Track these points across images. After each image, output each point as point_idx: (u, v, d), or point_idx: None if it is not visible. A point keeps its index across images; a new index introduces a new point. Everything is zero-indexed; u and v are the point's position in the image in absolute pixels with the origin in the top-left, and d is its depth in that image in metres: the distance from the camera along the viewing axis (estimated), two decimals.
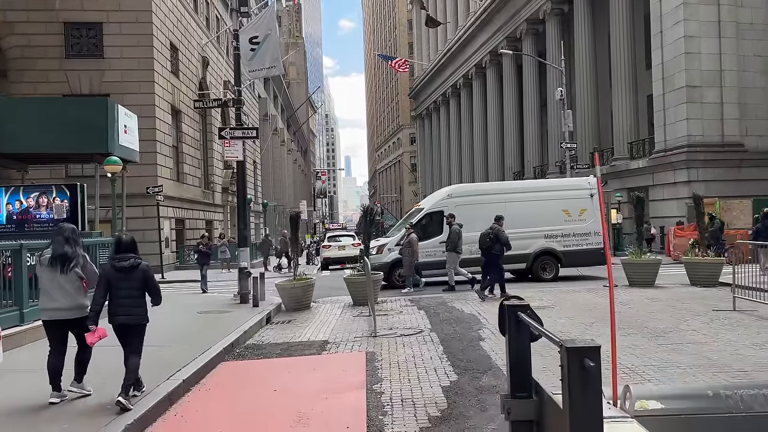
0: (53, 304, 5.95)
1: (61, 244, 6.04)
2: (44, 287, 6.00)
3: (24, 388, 6.48)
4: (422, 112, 75.81)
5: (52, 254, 5.99)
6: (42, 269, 6.01)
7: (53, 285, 5.95)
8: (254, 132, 14.73)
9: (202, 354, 8.00)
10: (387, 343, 8.86)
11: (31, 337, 8.95)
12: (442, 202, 17.05)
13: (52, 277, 5.95)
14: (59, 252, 5.99)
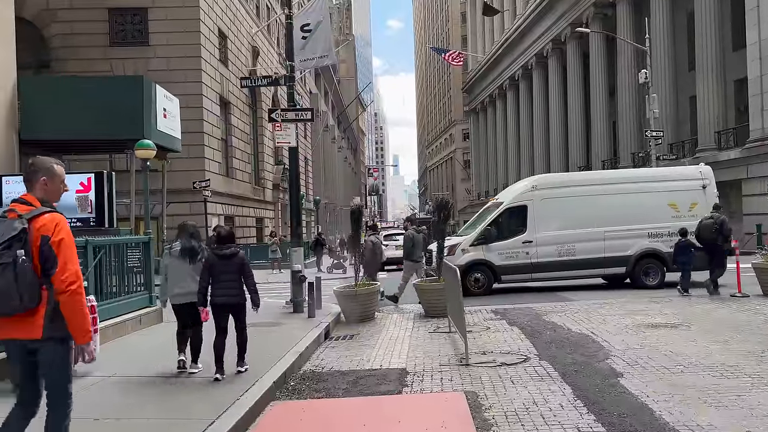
0: (182, 290, 6.92)
1: (188, 239, 7.07)
2: (173, 276, 6.98)
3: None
4: (476, 106, 73.01)
5: (182, 248, 6.99)
6: (172, 260, 7.00)
7: (182, 273, 6.94)
8: (308, 113, 12.75)
9: (248, 390, 5.97)
10: (488, 377, 6.66)
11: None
12: (525, 195, 14.70)
13: (180, 267, 6.95)
14: (188, 246, 7.02)
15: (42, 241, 3.32)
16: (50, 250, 3.32)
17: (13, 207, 3.44)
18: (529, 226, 14.30)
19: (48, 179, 3.54)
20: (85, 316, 3.43)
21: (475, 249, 14.26)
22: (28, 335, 3.37)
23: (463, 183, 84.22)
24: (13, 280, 3.23)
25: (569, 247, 14.14)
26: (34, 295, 3.30)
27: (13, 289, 3.24)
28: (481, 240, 14.30)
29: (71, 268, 3.35)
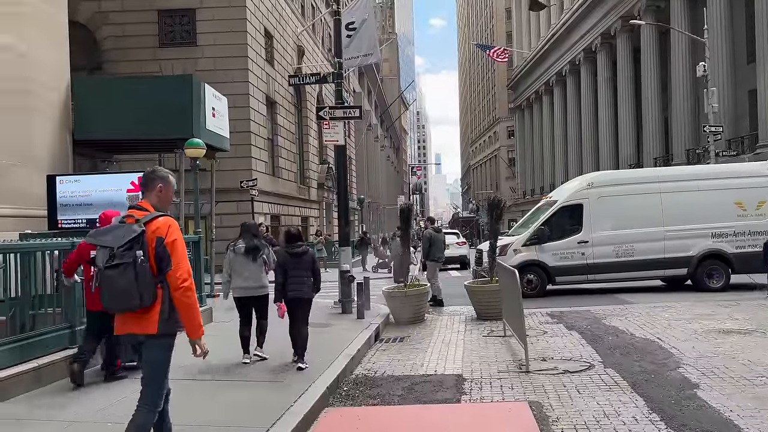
0: (244, 284, 7.45)
1: (251, 238, 7.57)
2: (237, 271, 7.46)
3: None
4: (522, 103, 71.82)
5: (246, 246, 7.48)
6: (236, 257, 7.48)
7: (245, 269, 7.44)
8: (356, 111, 12.54)
9: (301, 396, 5.76)
10: (551, 385, 6.30)
11: None
12: (581, 193, 14.14)
13: (244, 263, 7.43)
14: (251, 245, 7.51)
15: (157, 242, 3.58)
16: (164, 250, 3.58)
17: (131, 213, 3.72)
18: (585, 226, 13.75)
19: (164, 187, 3.84)
20: (197, 312, 3.67)
21: (528, 249, 13.80)
22: (144, 330, 3.60)
23: (508, 181, 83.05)
24: (133, 279, 3.48)
25: (627, 247, 13.55)
26: (151, 292, 3.55)
27: (134, 288, 3.49)
28: (534, 240, 13.83)
29: (184, 267, 3.61)
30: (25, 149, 10.80)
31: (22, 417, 5.25)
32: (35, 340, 6.37)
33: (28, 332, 6.41)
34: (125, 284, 3.48)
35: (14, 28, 10.61)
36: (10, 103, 10.43)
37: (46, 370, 6.27)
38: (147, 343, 3.64)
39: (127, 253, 3.50)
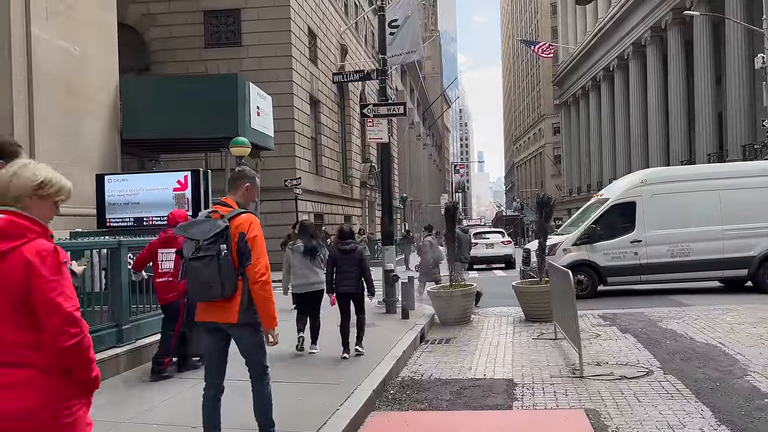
0: (303, 281, 7.85)
1: (309, 239, 7.96)
2: (296, 269, 7.88)
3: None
4: (568, 99, 70.40)
5: (305, 246, 7.85)
6: (295, 256, 7.88)
7: (303, 267, 7.85)
8: (401, 108, 12.35)
9: (347, 399, 5.62)
10: (608, 392, 6.00)
11: None
12: (633, 190, 13.63)
13: (303, 262, 7.83)
14: (310, 246, 7.89)
15: (239, 238, 3.80)
16: (246, 245, 3.80)
17: (215, 209, 3.98)
18: (638, 224, 13.25)
19: (250, 186, 4.11)
20: (273, 304, 3.88)
21: (578, 249, 13.37)
22: (226, 320, 3.87)
23: (553, 179, 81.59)
24: (216, 270, 3.73)
25: (683, 246, 13.00)
26: (232, 284, 3.78)
27: (216, 279, 3.74)
28: (585, 239, 13.38)
29: (263, 262, 3.82)
30: (77, 149, 11.01)
31: None
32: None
33: None
34: (209, 275, 3.74)
35: (69, 31, 10.82)
36: (63, 105, 10.65)
37: None
38: (231, 331, 3.95)
39: (212, 246, 3.74)
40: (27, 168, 2.31)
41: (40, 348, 2.13)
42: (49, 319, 2.12)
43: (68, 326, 2.13)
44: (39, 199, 2.29)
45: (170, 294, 6.57)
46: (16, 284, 2.13)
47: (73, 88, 10.90)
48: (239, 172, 4.19)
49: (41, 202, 2.30)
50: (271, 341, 3.96)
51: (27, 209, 2.25)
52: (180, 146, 15.03)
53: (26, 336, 2.13)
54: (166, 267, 6.58)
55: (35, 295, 2.12)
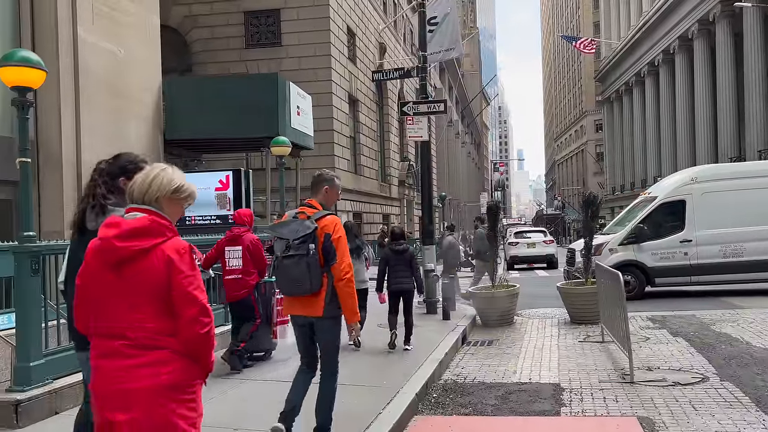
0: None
1: (353, 238, 7.75)
2: None
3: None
4: (611, 95, 68.87)
5: (350, 246, 7.21)
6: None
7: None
8: (441, 105, 12.19)
9: (390, 403, 5.51)
10: (661, 399, 5.75)
11: None
12: (683, 188, 13.17)
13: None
14: (354, 245, 7.63)
15: (325, 238, 4.11)
16: (331, 245, 4.10)
17: (302, 210, 4.27)
18: (688, 224, 12.80)
19: (329, 188, 4.38)
20: (354, 300, 4.18)
21: (625, 249, 12.98)
22: (312, 313, 4.19)
23: (596, 177, 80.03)
24: (306, 268, 4.05)
25: (736, 246, 12.50)
26: (318, 281, 4.10)
27: (306, 276, 4.06)
28: (632, 239, 12.99)
29: (346, 261, 4.13)
30: (121, 149, 11.11)
31: None
32: None
33: None
34: (298, 272, 4.07)
35: (113, 33, 10.99)
36: (108, 105, 10.82)
37: None
38: (316, 324, 4.25)
39: (301, 245, 4.07)
40: (165, 172, 2.55)
41: (175, 334, 2.39)
42: (187, 310, 2.38)
43: (203, 316, 2.41)
44: (172, 201, 2.53)
45: (241, 291, 6.73)
46: (158, 278, 2.38)
47: (117, 89, 11.06)
48: (318, 176, 4.45)
49: (174, 205, 2.54)
50: (353, 335, 4.46)
51: (161, 210, 2.49)
52: (221, 146, 15.15)
53: (164, 323, 2.39)
54: (234, 264, 6.72)
55: (175, 288, 2.38)
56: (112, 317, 2.40)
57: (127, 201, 2.57)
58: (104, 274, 2.42)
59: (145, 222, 2.41)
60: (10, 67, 5.13)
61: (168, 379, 2.36)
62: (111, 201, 3.19)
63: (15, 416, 4.88)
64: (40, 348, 5.25)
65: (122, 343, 2.37)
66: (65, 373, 5.48)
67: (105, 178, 3.31)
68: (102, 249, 2.43)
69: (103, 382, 2.39)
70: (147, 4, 12.10)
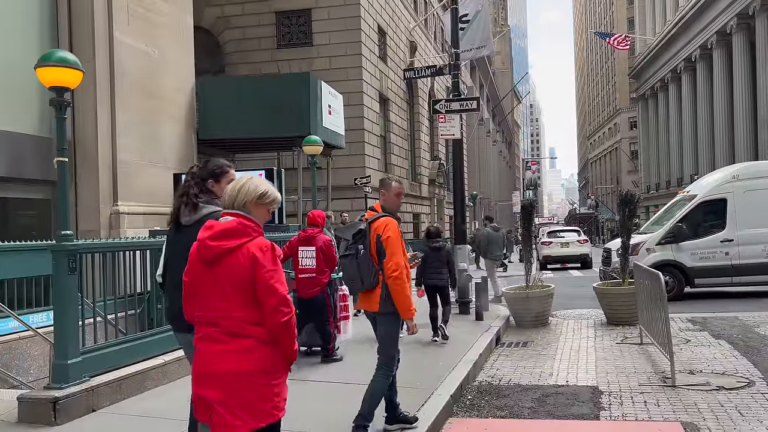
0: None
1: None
2: None
3: None
4: (645, 92, 67.55)
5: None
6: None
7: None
8: (474, 103, 12.03)
9: (425, 404, 5.42)
10: (705, 404, 5.55)
11: None
12: (724, 186, 12.81)
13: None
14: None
15: (377, 238, 4.39)
16: (381, 244, 4.36)
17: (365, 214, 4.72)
18: (729, 223, 12.43)
19: (385, 192, 4.76)
20: (406, 298, 4.37)
21: (663, 248, 12.66)
22: (370, 308, 4.54)
23: (630, 175, 78.58)
24: (356, 267, 4.42)
25: None
26: (371, 278, 4.39)
27: (356, 274, 4.43)
28: (670, 238, 12.66)
29: (395, 260, 4.34)
30: (156, 149, 11.31)
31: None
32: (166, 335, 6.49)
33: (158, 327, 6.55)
34: (352, 271, 4.47)
35: (148, 34, 11.12)
36: (143, 106, 10.95)
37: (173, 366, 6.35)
38: (377, 318, 4.55)
39: (353, 246, 4.45)
40: (251, 181, 2.90)
41: (259, 323, 2.69)
42: (269, 300, 2.68)
43: (283, 306, 2.69)
44: (258, 205, 2.87)
45: (314, 288, 7.05)
46: (244, 272, 2.70)
47: (151, 89, 11.19)
48: (382, 181, 4.86)
49: (260, 209, 2.88)
50: (409, 332, 4.56)
51: (249, 214, 2.83)
52: (253, 146, 15.24)
53: (250, 313, 2.70)
54: (307, 264, 7.04)
55: (259, 281, 2.69)
56: (209, 307, 2.76)
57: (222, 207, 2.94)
58: (202, 270, 2.79)
59: (233, 224, 2.77)
60: (48, 68, 5.18)
61: (254, 365, 2.65)
62: (202, 200, 3.66)
63: (53, 413, 4.93)
64: (77, 346, 5.30)
65: (216, 329, 2.72)
66: (102, 371, 5.53)
67: (197, 179, 3.74)
68: (199, 248, 2.82)
69: (200, 363, 2.76)
70: (181, 5, 12.22)
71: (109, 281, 6.16)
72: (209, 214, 3.46)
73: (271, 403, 2.68)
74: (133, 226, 10.08)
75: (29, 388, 6.51)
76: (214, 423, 2.66)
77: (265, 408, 2.66)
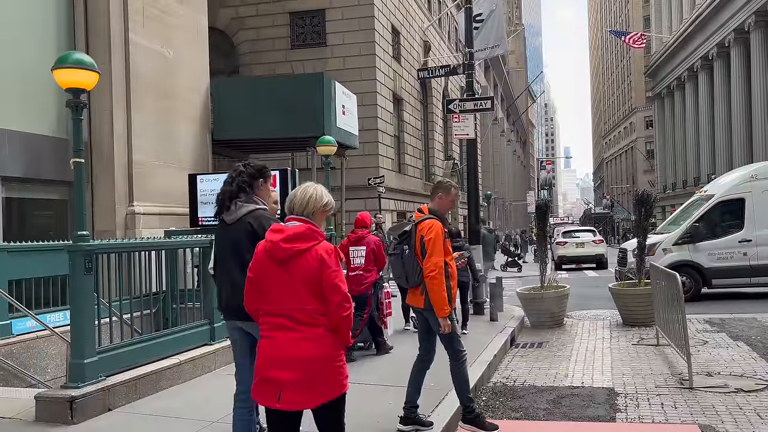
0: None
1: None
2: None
3: None
4: (662, 91, 66.94)
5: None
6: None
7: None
8: (488, 103, 11.99)
9: (438, 406, 5.41)
10: (723, 407, 5.49)
11: None
12: (742, 186, 12.65)
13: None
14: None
15: (421, 239, 4.64)
16: (423, 245, 4.61)
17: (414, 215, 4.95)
18: (747, 223, 12.27)
19: (443, 195, 4.95)
20: (441, 296, 4.57)
21: (680, 249, 12.54)
22: (417, 304, 4.80)
23: (646, 175, 77.94)
24: (401, 265, 4.76)
25: None
26: (416, 276, 4.67)
27: (402, 272, 4.77)
28: (687, 238, 12.53)
29: (434, 260, 4.57)
30: (171, 149, 11.37)
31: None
32: (181, 335, 6.54)
33: (173, 327, 6.60)
34: (398, 269, 4.82)
35: (163, 35, 11.19)
36: (158, 106, 11.01)
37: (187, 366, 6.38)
38: (425, 314, 4.80)
39: (398, 246, 4.78)
40: (317, 191, 3.30)
41: (325, 315, 3.09)
42: (334, 297, 3.08)
43: (345, 302, 3.11)
44: (323, 213, 3.30)
45: (362, 286, 7.50)
46: (313, 272, 3.07)
47: (166, 90, 11.25)
48: (436, 183, 5.10)
49: (322, 215, 3.31)
50: (442, 330, 4.65)
51: (315, 220, 3.25)
52: (268, 146, 15.27)
53: (318, 306, 3.09)
54: (358, 263, 7.59)
55: (325, 280, 3.08)
56: (280, 301, 3.11)
57: (287, 212, 3.26)
58: (272, 268, 3.13)
59: (302, 229, 3.14)
60: (65, 69, 5.22)
61: (325, 349, 3.07)
62: (242, 199, 3.95)
63: (70, 412, 4.97)
64: (93, 345, 5.33)
65: (288, 320, 3.09)
66: (117, 371, 5.56)
67: (243, 177, 4.00)
68: (271, 249, 3.13)
69: (274, 349, 3.09)
70: (195, 6, 12.28)
71: (124, 281, 6.21)
72: (248, 213, 3.90)
73: (340, 377, 3.12)
74: (148, 227, 10.15)
75: (46, 387, 6.58)
76: (287, 401, 3.01)
77: (337, 382, 3.10)
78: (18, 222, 9.88)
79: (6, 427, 5.06)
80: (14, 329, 7.49)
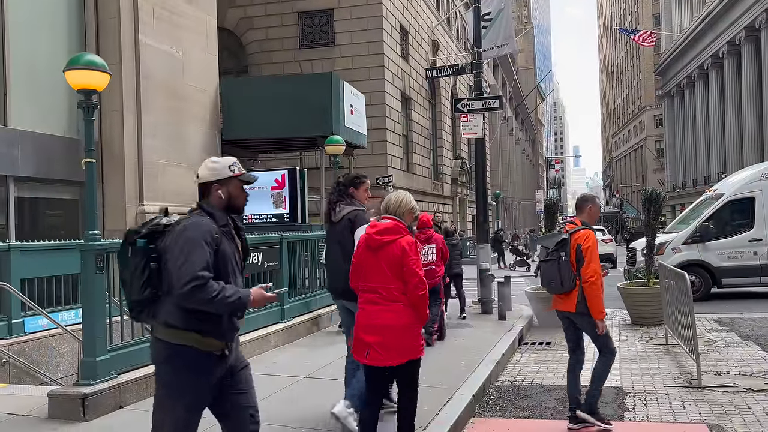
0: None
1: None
2: None
3: None
4: (671, 89, 66.56)
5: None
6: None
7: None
8: (496, 102, 11.97)
9: (447, 404, 5.42)
10: (732, 406, 5.48)
11: None
12: (752, 185, 12.58)
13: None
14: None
15: (577, 247, 4.92)
16: (581, 253, 4.89)
17: (567, 226, 5.24)
18: (757, 222, 12.21)
19: (592, 207, 5.23)
20: (600, 301, 4.88)
21: (689, 248, 12.49)
22: (567, 308, 5.06)
23: (656, 174, 77.52)
24: (557, 271, 5.00)
25: None
26: (570, 282, 4.93)
27: (557, 277, 5.01)
28: (697, 237, 12.48)
29: (593, 267, 4.86)
30: (180, 149, 11.45)
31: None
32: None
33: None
34: (551, 274, 5.06)
35: (172, 36, 11.27)
36: (167, 106, 11.09)
37: None
38: (573, 318, 5.08)
39: (555, 253, 5.05)
40: (406, 197, 4.22)
41: (404, 292, 3.94)
42: (412, 279, 3.92)
43: (421, 284, 3.93)
44: (409, 215, 4.19)
45: (433, 279, 8.00)
46: (397, 259, 3.95)
47: (176, 90, 11.33)
48: (582, 197, 5.38)
49: (409, 216, 4.19)
50: (599, 332, 4.93)
51: (403, 219, 4.13)
52: (277, 146, 15.34)
53: (400, 285, 3.94)
54: (429, 259, 8.23)
55: (405, 265, 3.93)
56: (371, 280, 4.01)
57: (383, 211, 4.14)
58: (367, 254, 4.06)
59: (391, 225, 4.06)
60: (76, 71, 5.29)
61: (404, 320, 3.91)
62: (343, 202, 5.00)
63: (82, 409, 5.03)
64: (105, 343, 5.39)
65: (377, 295, 3.98)
66: (129, 368, 5.62)
67: (342, 187, 5.08)
68: (367, 239, 4.07)
69: (365, 317, 4.00)
70: (204, 7, 12.35)
71: None
72: (347, 213, 4.89)
73: (416, 343, 3.98)
74: None
75: (59, 384, 6.66)
76: (371, 358, 3.90)
77: (413, 346, 3.96)
78: (30, 221, 9.98)
79: (20, 423, 5.13)
80: (27, 327, 7.58)
